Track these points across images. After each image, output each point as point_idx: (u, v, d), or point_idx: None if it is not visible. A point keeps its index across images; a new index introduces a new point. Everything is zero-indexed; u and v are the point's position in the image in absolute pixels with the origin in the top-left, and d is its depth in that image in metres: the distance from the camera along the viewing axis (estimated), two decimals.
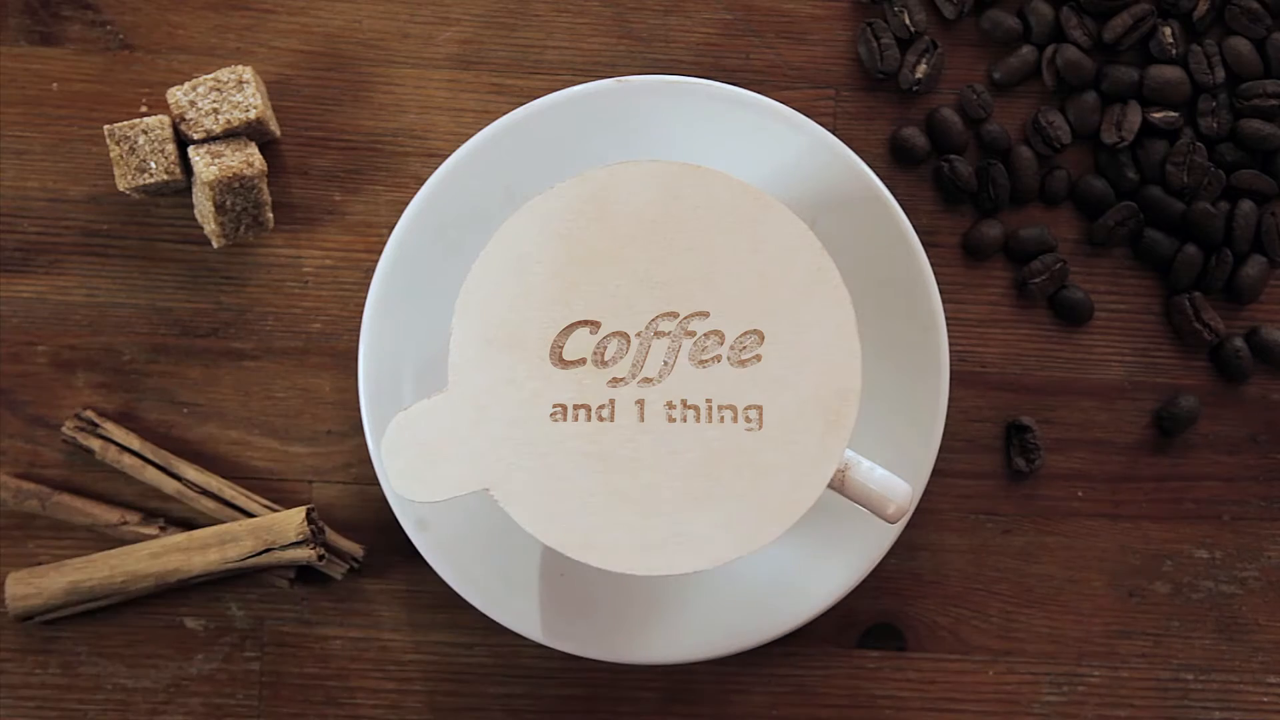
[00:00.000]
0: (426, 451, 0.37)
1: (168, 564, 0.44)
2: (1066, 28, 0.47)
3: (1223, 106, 0.47)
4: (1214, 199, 0.47)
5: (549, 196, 0.38)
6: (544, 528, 0.37)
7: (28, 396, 0.46)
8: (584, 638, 0.43)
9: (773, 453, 0.37)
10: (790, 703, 0.46)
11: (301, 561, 0.44)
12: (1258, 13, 0.47)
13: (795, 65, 0.48)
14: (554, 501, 0.37)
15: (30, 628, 0.45)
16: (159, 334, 0.46)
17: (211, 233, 0.45)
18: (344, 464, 0.46)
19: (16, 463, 0.46)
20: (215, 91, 0.44)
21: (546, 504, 0.37)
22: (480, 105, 0.47)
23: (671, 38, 0.48)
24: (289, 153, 0.47)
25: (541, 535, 0.37)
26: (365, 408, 0.43)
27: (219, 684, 0.46)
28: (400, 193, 0.47)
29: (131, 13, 0.47)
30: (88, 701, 0.45)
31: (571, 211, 0.38)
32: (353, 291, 0.46)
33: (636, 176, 0.38)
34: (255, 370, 0.46)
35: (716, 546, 0.37)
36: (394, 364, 0.43)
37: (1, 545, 0.45)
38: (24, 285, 0.46)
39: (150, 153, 0.44)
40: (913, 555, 0.47)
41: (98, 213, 0.46)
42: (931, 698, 0.47)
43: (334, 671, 0.46)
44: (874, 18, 0.48)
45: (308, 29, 0.47)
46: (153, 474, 0.45)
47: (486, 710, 0.46)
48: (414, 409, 0.37)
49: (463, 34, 0.48)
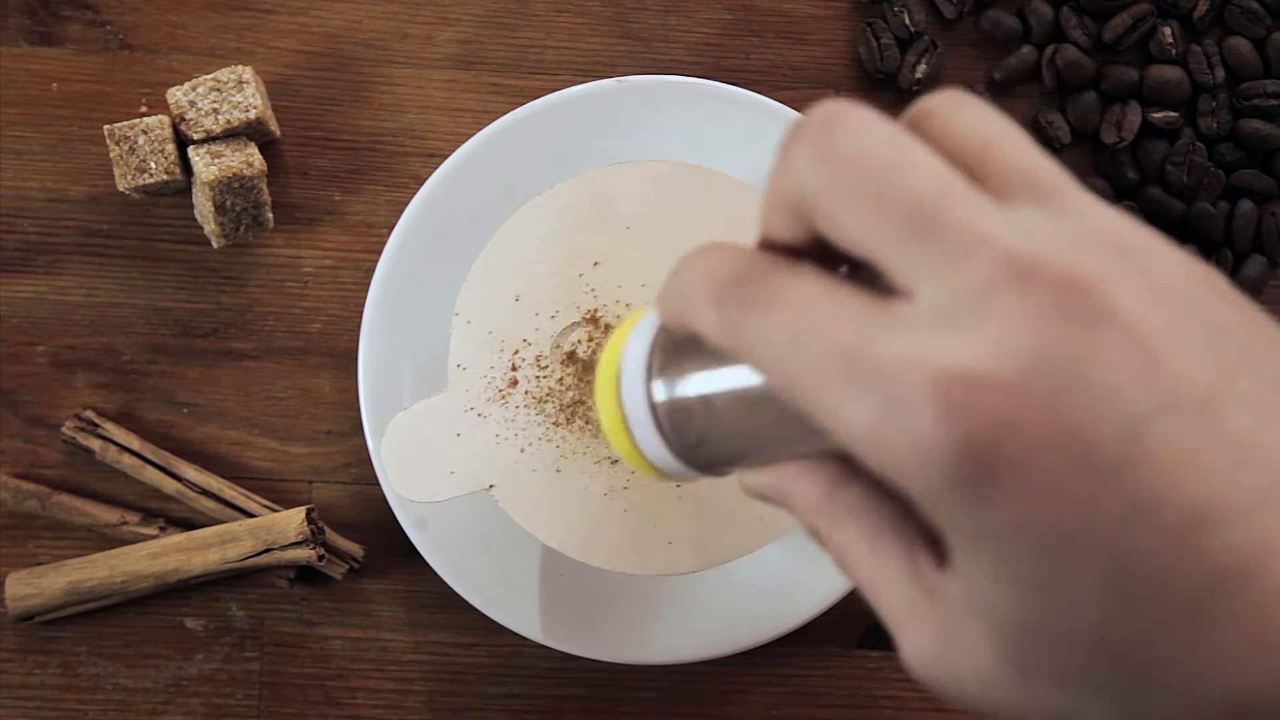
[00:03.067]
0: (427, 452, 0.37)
1: (168, 564, 0.44)
2: (1066, 28, 0.47)
3: (1223, 106, 0.47)
4: (1214, 199, 0.47)
5: (549, 196, 0.38)
6: (544, 528, 0.37)
7: (28, 396, 0.46)
8: (584, 638, 0.43)
9: None
10: (790, 703, 0.46)
11: (301, 561, 0.44)
12: (1258, 13, 0.47)
13: (795, 65, 0.48)
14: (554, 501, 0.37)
15: (30, 628, 0.45)
16: (159, 334, 0.46)
17: (211, 233, 0.45)
18: (344, 464, 0.46)
19: (16, 463, 0.46)
20: (215, 91, 0.44)
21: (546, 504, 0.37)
22: (480, 105, 0.47)
23: (671, 38, 0.48)
24: (289, 153, 0.47)
25: (541, 535, 0.37)
26: (365, 408, 0.43)
27: (219, 684, 0.46)
28: (400, 193, 0.47)
29: (131, 13, 0.47)
30: (88, 701, 0.45)
31: (571, 211, 0.38)
32: (353, 291, 0.46)
33: (636, 176, 0.38)
34: (255, 370, 0.46)
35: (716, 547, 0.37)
36: (394, 364, 0.43)
37: (1, 545, 0.45)
38: (24, 285, 0.46)
39: (150, 153, 0.44)
40: None
41: (98, 213, 0.46)
42: (931, 698, 0.47)
43: (334, 671, 0.46)
44: (874, 18, 0.48)
45: (308, 29, 0.47)
46: (153, 474, 0.45)
47: (486, 710, 0.46)
48: (414, 409, 0.37)
49: (462, 34, 0.48)
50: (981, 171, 0.20)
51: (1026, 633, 0.19)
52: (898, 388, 0.18)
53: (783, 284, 0.20)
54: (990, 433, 0.17)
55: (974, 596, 0.20)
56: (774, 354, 0.20)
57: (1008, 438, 0.17)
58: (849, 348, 0.19)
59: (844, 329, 0.19)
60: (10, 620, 0.45)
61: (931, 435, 0.18)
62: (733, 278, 0.21)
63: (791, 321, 0.20)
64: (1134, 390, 0.18)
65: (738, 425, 0.23)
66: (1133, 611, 0.18)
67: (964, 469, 0.18)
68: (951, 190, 0.19)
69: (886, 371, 0.18)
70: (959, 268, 0.19)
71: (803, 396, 0.19)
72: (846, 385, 0.19)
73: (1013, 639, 0.20)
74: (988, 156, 0.20)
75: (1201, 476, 0.18)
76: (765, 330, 0.20)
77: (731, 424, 0.23)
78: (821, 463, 0.22)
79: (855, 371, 0.19)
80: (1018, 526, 0.18)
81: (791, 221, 0.21)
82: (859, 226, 0.20)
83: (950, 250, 0.19)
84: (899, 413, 0.18)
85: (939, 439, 0.18)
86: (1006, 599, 0.19)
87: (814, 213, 0.20)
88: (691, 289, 0.22)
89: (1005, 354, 0.18)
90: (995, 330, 0.18)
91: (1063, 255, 0.18)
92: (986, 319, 0.18)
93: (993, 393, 0.17)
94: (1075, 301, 0.18)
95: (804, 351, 0.19)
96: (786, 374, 0.20)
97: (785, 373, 0.20)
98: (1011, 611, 0.19)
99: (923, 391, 0.18)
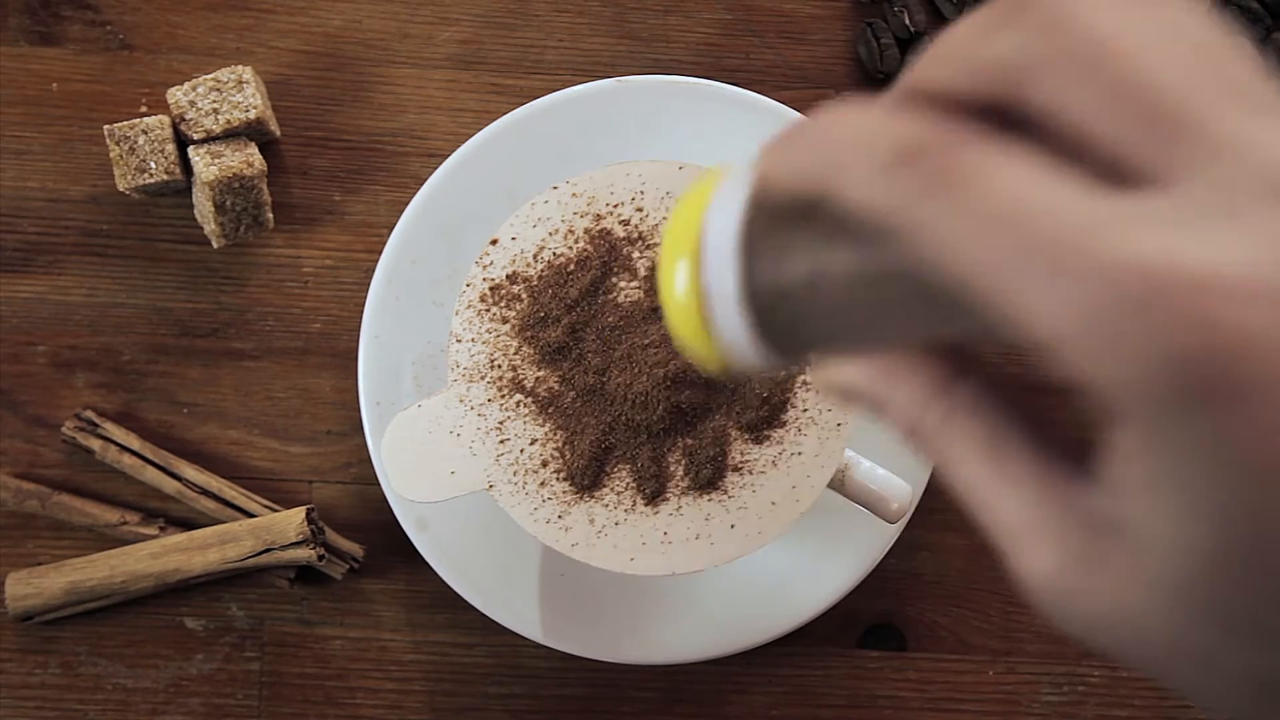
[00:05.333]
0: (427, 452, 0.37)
1: (168, 564, 0.44)
2: None
3: None
4: None
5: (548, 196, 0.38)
6: (544, 528, 0.37)
7: (28, 396, 0.46)
8: (584, 638, 0.43)
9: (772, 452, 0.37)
10: (790, 703, 0.46)
11: (301, 561, 0.44)
12: (1258, 13, 0.47)
13: (795, 65, 0.48)
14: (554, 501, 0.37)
15: (30, 628, 0.45)
16: (159, 334, 0.46)
17: (211, 233, 0.45)
18: (344, 464, 0.46)
19: (16, 463, 0.46)
20: (215, 91, 0.44)
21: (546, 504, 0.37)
22: (480, 105, 0.47)
23: (671, 38, 0.48)
24: (289, 153, 0.47)
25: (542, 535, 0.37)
26: (365, 408, 0.43)
27: (219, 684, 0.46)
28: (400, 193, 0.47)
29: (131, 13, 0.47)
30: (88, 701, 0.45)
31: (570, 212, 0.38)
32: (353, 291, 0.46)
33: (636, 176, 0.38)
34: (255, 370, 0.46)
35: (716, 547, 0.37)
36: (394, 364, 0.43)
37: (1, 545, 0.45)
38: (24, 285, 0.46)
39: (150, 153, 0.44)
40: (913, 555, 0.47)
41: (98, 213, 0.46)
42: (931, 697, 0.47)
43: (334, 671, 0.46)
44: (874, 18, 0.48)
45: (308, 29, 0.47)
46: (153, 474, 0.45)
47: (486, 710, 0.46)
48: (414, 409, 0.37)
49: (462, 34, 0.48)
50: (1229, 79, 0.18)
51: (1211, 567, 0.17)
52: (1134, 285, 0.16)
53: (982, 159, 0.18)
54: (1237, 347, 0.16)
55: (1138, 519, 0.18)
56: (965, 237, 0.17)
57: (1253, 355, 0.16)
58: (1070, 235, 0.16)
59: (1066, 214, 0.17)
60: (10, 620, 0.45)
61: (1168, 342, 0.16)
62: (912, 145, 0.18)
63: (995, 202, 0.17)
64: None
65: (848, 305, 0.20)
66: None
67: (1193, 383, 0.16)
68: (1207, 90, 0.17)
69: (1121, 265, 0.16)
70: (1218, 167, 0.17)
71: (991, 287, 0.17)
72: (1059, 277, 0.16)
73: (1188, 572, 0.18)
74: (1235, 63, 0.18)
75: None
76: (956, 209, 0.17)
77: (840, 303, 0.20)
78: (931, 356, 0.20)
79: (1076, 262, 0.16)
80: (1236, 451, 0.16)
81: (981, 79, 0.19)
82: (1097, 107, 0.17)
83: (1207, 149, 0.17)
84: (1130, 313, 0.16)
85: (1175, 348, 0.16)
86: (1193, 528, 0.17)
87: (1028, 83, 0.18)
88: (848, 150, 0.19)
89: (1265, 265, 0.16)
90: (1259, 239, 0.16)
91: None
92: (1248, 226, 0.16)
93: (1247, 303, 0.16)
94: None
95: (1008, 236, 0.17)
96: (975, 260, 0.17)
97: (974, 258, 0.17)
98: (1196, 542, 0.17)
99: (1166, 292, 0.16)
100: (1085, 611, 0.19)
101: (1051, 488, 0.19)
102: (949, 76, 0.19)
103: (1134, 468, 0.18)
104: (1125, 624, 0.19)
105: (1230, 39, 0.18)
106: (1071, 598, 0.19)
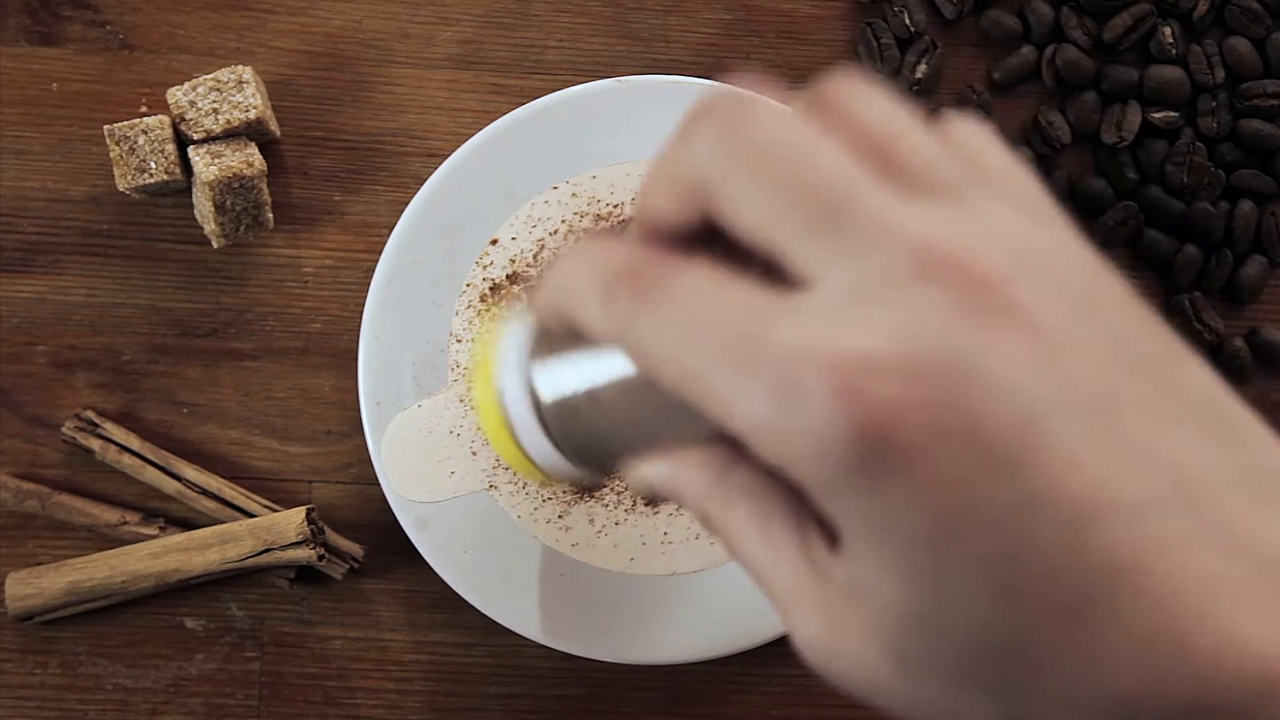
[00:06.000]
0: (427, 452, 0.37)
1: (168, 564, 0.44)
2: (1066, 28, 0.47)
3: (1223, 106, 0.47)
4: (1214, 199, 0.47)
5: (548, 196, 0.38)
6: (544, 528, 0.37)
7: (28, 396, 0.46)
8: (584, 638, 0.43)
9: None
10: (790, 703, 0.46)
11: (301, 561, 0.44)
12: (1258, 13, 0.47)
13: (795, 65, 0.48)
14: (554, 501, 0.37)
15: (30, 628, 0.45)
16: (159, 334, 0.46)
17: (211, 233, 0.45)
18: (344, 464, 0.46)
19: (16, 463, 0.46)
20: (215, 91, 0.44)
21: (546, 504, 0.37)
22: (480, 105, 0.47)
23: (671, 38, 0.48)
24: (289, 153, 0.47)
25: (542, 535, 0.37)
26: (365, 408, 0.43)
27: (219, 684, 0.46)
28: (400, 193, 0.47)
29: (131, 13, 0.47)
30: (88, 701, 0.45)
31: (570, 212, 0.38)
32: (353, 291, 0.46)
33: (636, 176, 0.38)
34: (255, 370, 0.46)
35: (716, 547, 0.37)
36: (394, 364, 0.43)
37: (1, 545, 0.45)
38: (24, 285, 0.46)
39: (150, 153, 0.44)
40: None
41: (98, 213, 0.46)
42: None
43: (334, 671, 0.46)
44: (874, 18, 0.48)
45: (308, 29, 0.47)
46: (153, 474, 0.45)
47: (487, 710, 0.46)
48: (414, 409, 0.37)
49: (462, 34, 0.48)
50: (887, 163, 0.20)
51: (910, 622, 0.19)
52: (793, 373, 0.18)
53: (675, 277, 0.20)
54: (885, 418, 0.17)
55: (861, 582, 0.20)
56: (668, 348, 0.20)
57: (902, 423, 0.17)
58: (745, 337, 0.19)
59: (740, 319, 0.19)
60: (10, 620, 0.45)
61: (826, 419, 0.18)
62: (623, 272, 0.21)
63: (686, 314, 0.20)
64: (1031, 385, 0.18)
65: (626, 416, 0.23)
66: (1016, 606, 0.18)
67: (857, 453, 0.18)
68: (860, 181, 0.19)
69: (782, 358, 0.18)
70: (862, 258, 0.18)
71: (698, 389, 0.19)
72: (742, 375, 0.18)
73: (895, 628, 0.19)
74: (894, 149, 0.20)
75: (1092, 474, 0.18)
76: (658, 324, 0.20)
77: (620, 415, 0.23)
78: (710, 447, 0.22)
79: (751, 360, 0.18)
80: (907, 514, 0.18)
81: (683, 202, 0.21)
82: (761, 213, 0.19)
83: (855, 240, 0.19)
84: (795, 399, 0.18)
85: (834, 423, 0.18)
86: (892, 587, 0.19)
87: (713, 197, 0.20)
88: (577, 284, 0.21)
89: (904, 341, 0.18)
90: (896, 319, 0.18)
91: (969, 251, 0.18)
92: (888, 308, 0.18)
93: (889, 377, 0.17)
94: (978, 296, 0.18)
95: (699, 344, 0.19)
96: (681, 367, 0.19)
97: (679, 365, 0.19)
98: (896, 600, 0.19)
99: (819, 375, 0.18)
100: (843, 671, 0.21)
101: (811, 561, 0.21)
102: (661, 205, 0.21)
103: (850, 536, 0.19)
104: (871, 681, 0.20)
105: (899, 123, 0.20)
106: (830, 660, 0.21)
